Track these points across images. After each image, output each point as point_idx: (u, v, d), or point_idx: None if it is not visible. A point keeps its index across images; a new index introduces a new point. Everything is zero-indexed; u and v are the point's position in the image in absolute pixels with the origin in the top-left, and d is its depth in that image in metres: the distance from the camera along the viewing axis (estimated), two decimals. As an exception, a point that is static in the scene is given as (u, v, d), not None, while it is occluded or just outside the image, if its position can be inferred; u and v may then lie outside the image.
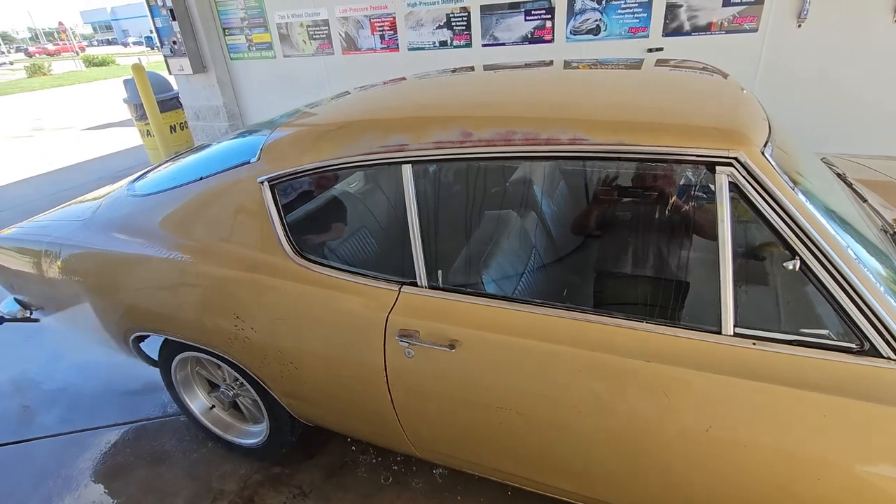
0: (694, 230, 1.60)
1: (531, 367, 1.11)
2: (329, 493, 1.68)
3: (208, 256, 1.46)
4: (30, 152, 7.12)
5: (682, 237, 1.52)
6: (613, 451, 1.08)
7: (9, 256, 1.90)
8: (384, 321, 1.24)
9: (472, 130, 1.14)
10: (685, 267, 1.47)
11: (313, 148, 1.32)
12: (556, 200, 1.98)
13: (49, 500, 1.74)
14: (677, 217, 1.62)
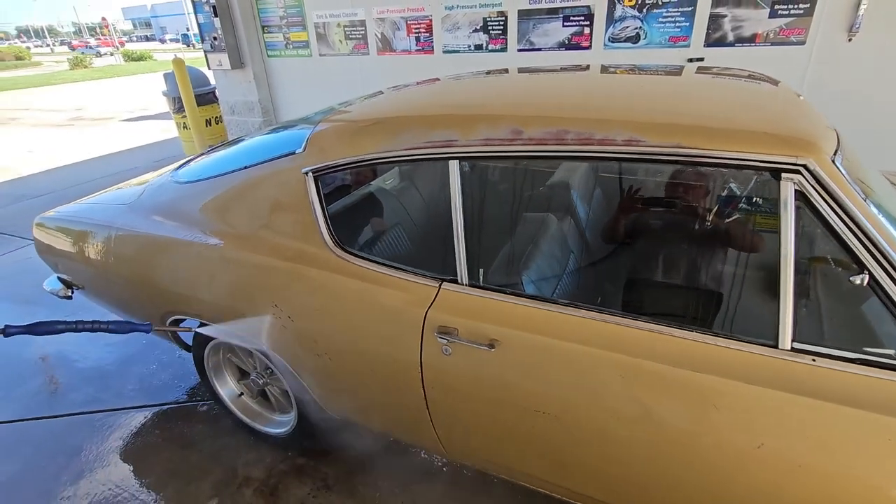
0: (738, 240, 1.56)
1: (572, 371, 1.08)
2: (353, 488, 1.67)
3: (249, 244, 1.48)
4: (70, 140, 7.38)
5: (731, 246, 1.48)
6: (654, 463, 1.05)
7: (53, 236, 1.96)
8: (423, 317, 1.23)
9: (523, 128, 1.13)
10: (736, 277, 1.43)
11: (359, 141, 1.33)
12: (593, 206, 1.96)
13: (80, 475, 1.77)
14: (724, 226, 1.58)
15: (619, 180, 2.17)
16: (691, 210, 1.59)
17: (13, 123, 9.15)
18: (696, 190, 1.74)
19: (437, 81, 1.83)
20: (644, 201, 2.04)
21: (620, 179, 2.17)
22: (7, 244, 3.75)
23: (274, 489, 1.68)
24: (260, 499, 1.65)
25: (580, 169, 1.97)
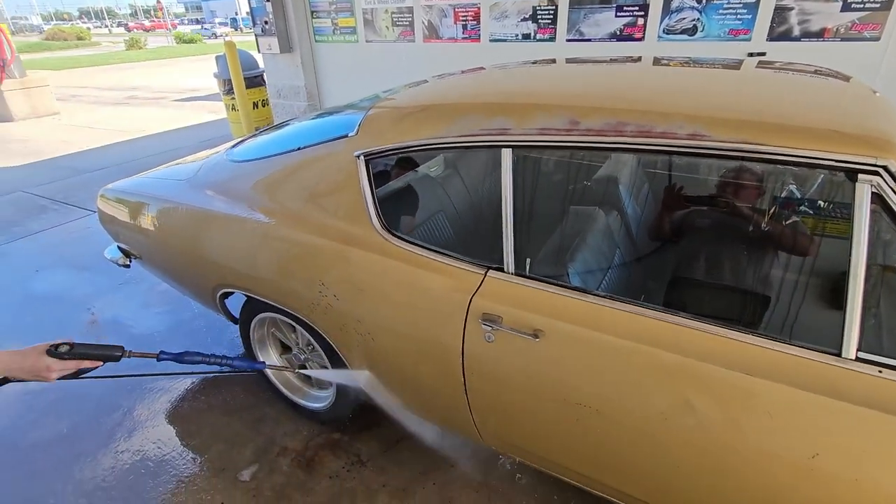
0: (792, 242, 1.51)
1: (618, 365, 1.07)
2: (385, 465, 1.72)
3: (299, 223, 1.53)
4: (126, 118, 7.73)
5: (784, 249, 1.43)
6: (697, 466, 1.03)
7: (115, 207, 2.08)
8: (467, 303, 1.24)
9: (580, 119, 1.11)
10: (791, 281, 1.38)
11: (413, 126, 1.34)
12: (640, 202, 1.92)
13: (132, 432, 1.89)
14: (777, 228, 1.53)
15: (669, 177, 2.12)
16: (743, 210, 1.54)
17: (74, 100, 9.65)
18: (749, 190, 1.69)
19: (481, 70, 1.82)
20: (693, 199, 1.99)
21: (670, 176, 2.12)
22: (69, 214, 3.99)
23: (310, 461, 1.75)
24: (297, 468, 1.72)
25: (629, 164, 1.93)
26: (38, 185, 4.66)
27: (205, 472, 1.72)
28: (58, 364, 1.07)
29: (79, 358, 1.11)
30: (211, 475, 1.70)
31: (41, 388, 2.10)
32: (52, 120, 7.81)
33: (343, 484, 1.66)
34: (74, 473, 1.73)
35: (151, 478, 1.70)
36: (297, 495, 1.62)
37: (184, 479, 1.70)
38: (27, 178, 4.88)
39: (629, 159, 1.95)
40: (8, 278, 3.05)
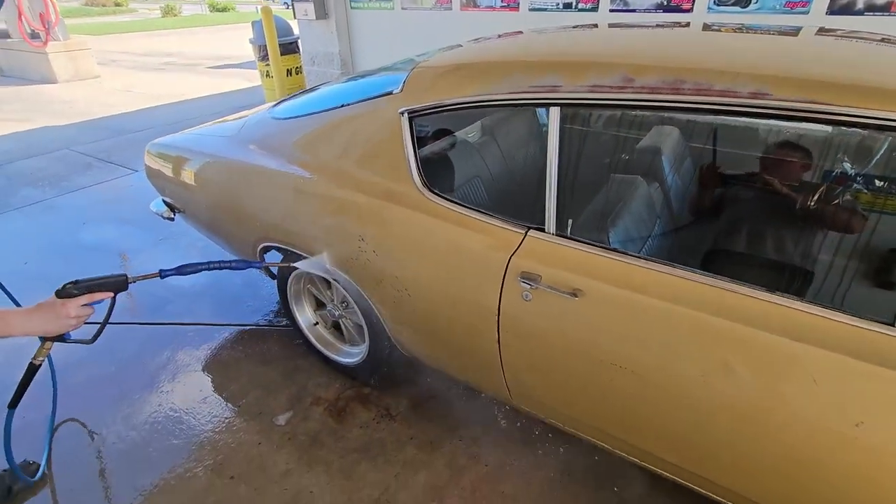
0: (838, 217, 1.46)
1: (658, 327, 1.07)
2: (413, 420, 1.77)
3: (341, 178, 1.55)
4: (162, 83, 7.87)
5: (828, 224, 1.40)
6: (736, 430, 1.03)
7: (161, 162, 2.14)
8: (506, 261, 1.25)
9: (635, 76, 1.09)
10: (840, 254, 1.34)
11: (459, 83, 1.34)
12: (682, 174, 1.88)
13: (175, 374, 1.99)
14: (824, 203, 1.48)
15: (713, 151, 2.06)
16: (789, 185, 1.50)
17: (113, 65, 9.86)
18: (797, 164, 1.64)
19: (520, 34, 1.79)
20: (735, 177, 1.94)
21: (714, 151, 2.07)
22: (112, 172, 4.13)
23: (341, 411, 1.82)
24: (328, 417, 1.79)
25: (672, 136, 1.89)
26: (82, 144, 4.83)
27: (243, 415, 1.81)
28: (72, 303, 1.08)
29: (88, 291, 1.10)
30: (249, 418, 1.79)
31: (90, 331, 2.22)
32: (94, 83, 8.02)
33: (373, 434, 1.72)
34: (123, 409, 1.84)
35: (193, 417, 1.80)
36: (329, 441, 1.70)
37: (224, 420, 1.79)
38: (73, 138, 5.06)
39: (673, 132, 1.91)
40: (59, 229, 3.20)
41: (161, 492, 1.54)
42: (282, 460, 1.63)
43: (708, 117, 1.96)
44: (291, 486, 1.55)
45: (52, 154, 4.58)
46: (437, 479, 1.56)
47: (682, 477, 1.22)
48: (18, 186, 3.86)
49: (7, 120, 5.83)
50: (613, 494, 1.50)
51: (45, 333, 1.09)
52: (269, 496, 1.52)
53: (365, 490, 1.54)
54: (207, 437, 1.72)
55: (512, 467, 1.59)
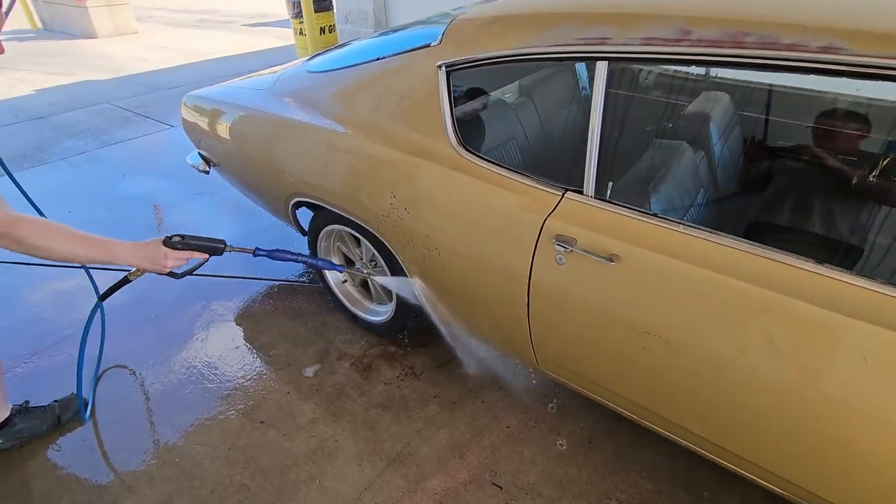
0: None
1: (696, 295, 1.03)
2: (437, 380, 1.80)
3: (374, 134, 1.53)
4: (197, 40, 7.89)
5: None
6: (773, 406, 0.99)
7: (197, 114, 2.16)
8: (541, 223, 1.22)
9: (693, 28, 1.01)
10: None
11: (501, 35, 1.28)
12: (730, 143, 1.78)
13: (209, 324, 2.07)
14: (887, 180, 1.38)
15: (765, 121, 1.95)
16: (842, 158, 1.40)
17: (150, 21, 9.91)
18: (852, 136, 1.53)
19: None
20: (786, 146, 1.84)
21: (766, 120, 1.95)
22: (150, 126, 4.21)
23: (367, 367, 1.86)
24: (354, 372, 1.84)
25: (722, 102, 1.78)
26: (121, 99, 4.92)
27: (273, 365, 1.87)
28: (173, 253, 1.20)
29: (190, 248, 1.23)
30: (278, 368, 1.85)
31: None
32: (132, 38, 8.10)
33: (397, 391, 1.76)
34: (163, 351, 1.93)
35: (226, 364, 1.87)
36: (354, 395, 1.74)
37: (254, 368, 1.85)
38: (112, 92, 5.16)
39: (723, 98, 1.80)
40: (101, 179, 3.31)
41: (197, 431, 1.62)
42: (309, 409, 1.69)
43: (765, 81, 1.85)
44: (318, 434, 1.61)
45: (93, 107, 4.69)
46: (459, 437, 1.59)
47: (709, 451, 1.20)
48: (63, 137, 3.98)
49: (52, 73, 5.98)
50: (636, 463, 1.50)
51: (143, 269, 1.23)
52: (297, 441, 1.58)
53: (388, 443, 1.58)
54: (239, 383, 1.79)
55: (533, 431, 1.61)
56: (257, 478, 1.48)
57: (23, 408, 1.58)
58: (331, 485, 1.46)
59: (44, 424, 1.58)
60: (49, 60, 6.65)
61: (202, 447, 1.57)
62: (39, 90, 5.30)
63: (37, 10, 9.00)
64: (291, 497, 1.43)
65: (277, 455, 1.54)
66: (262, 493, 1.44)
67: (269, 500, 1.42)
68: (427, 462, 1.52)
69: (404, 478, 1.48)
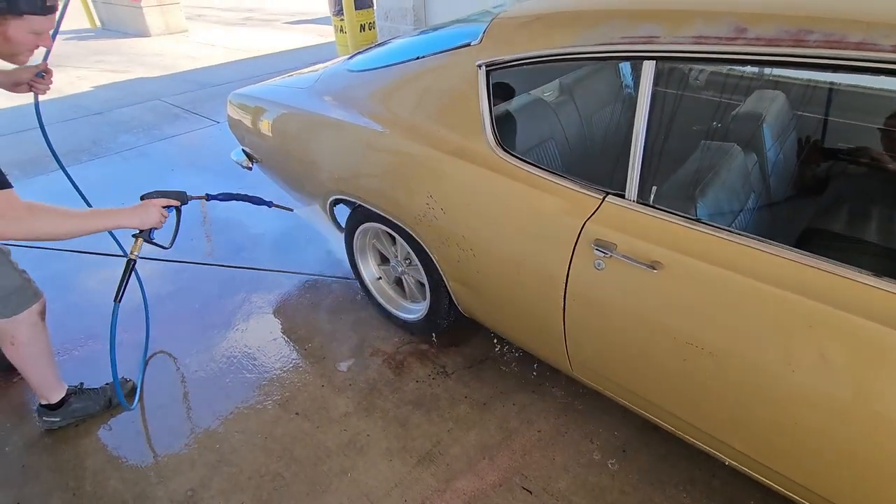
0: None
1: (744, 307, 0.99)
2: (468, 380, 1.79)
3: (412, 133, 1.53)
4: (242, 38, 8.14)
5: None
6: (824, 427, 0.94)
7: (241, 112, 2.22)
8: (580, 227, 1.20)
9: (748, 26, 0.96)
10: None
11: (543, 34, 1.25)
12: (785, 146, 1.69)
13: (249, 315, 2.14)
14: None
15: (824, 122, 1.84)
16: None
17: (199, 19, 10.29)
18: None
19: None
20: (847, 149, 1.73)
21: (825, 121, 1.84)
22: (197, 122, 4.38)
23: (399, 364, 1.87)
24: (387, 368, 1.86)
25: (777, 102, 1.69)
26: (171, 95, 5.14)
27: (308, 358, 1.91)
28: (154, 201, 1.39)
29: (164, 196, 1.42)
30: (314, 361, 1.89)
31: (180, 269, 2.43)
32: (181, 37, 8.43)
33: (428, 389, 1.77)
34: (205, 341, 2.01)
35: (264, 355, 1.93)
36: (386, 391, 1.76)
37: (291, 360, 1.91)
38: (162, 89, 5.39)
39: (778, 97, 1.71)
40: (151, 173, 3.47)
41: (235, 418, 1.68)
42: (342, 403, 1.72)
43: (826, 79, 1.74)
44: (350, 428, 1.64)
45: (145, 104, 4.92)
46: (489, 439, 1.59)
47: (750, 468, 1.15)
48: (118, 133, 4.19)
49: (108, 70, 6.31)
50: (671, 475, 1.45)
51: (142, 224, 1.36)
52: (330, 434, 1.62)
53: (418, 440, 1.59)
54: (276, 375, 1.85)
55: (565, 436, 1.58)
56: (292, 467, 1.52)
57: (78, 389, 1.68)
58: (361, 479, 1.48)
59: (97, 405, 1.68)
60: (106, 58, 7.01)
61: (240, 434, 1.63)
62: (97, 87, 5.60)
63: (96, 10, 9.51)
64: (324, 489, 1.46)
65: (311, 446, 1.58)
66: (295, 482, 1.48)
67: (301, 491, 1.46)
68: (457, 462, 1.52)
69: (434, 476, 1.49)
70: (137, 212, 1.35)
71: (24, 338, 1.45)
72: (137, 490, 1.48)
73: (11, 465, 1.55)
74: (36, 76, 1.48)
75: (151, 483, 1.49)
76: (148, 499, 1.45)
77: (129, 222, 1.33)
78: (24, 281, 1.45)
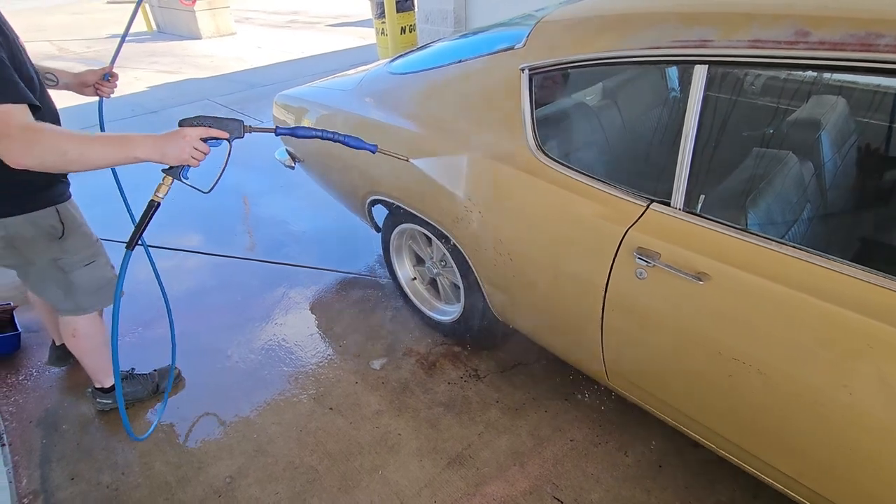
0: None
1: (796, 324, 0.94)
2: (500, 385, 1.79)
3: (453, 135, 1.54)
4: (287, 40, 8.39)
5: None
6: (883, 451, 0.89)
7: (286, 111, 2.29)
8: (621, 234, 1.17)
9: (811, 29, 0.91)
10: None
11: (589, 37, 1.23)
12: (845, 154, 1.59)
13: (287, 310, 2.20)
14: None
15: (889, 129, 1.73)
16: None
17: (246, 22, 10.69)
18: None
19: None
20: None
21: (890, 128, 1.73)
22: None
23: (432, 365, 1.88)
24: (419, 369, 1.87)
25: (837, 108, 1.60)
26: (220, 95, 5.35)
27: (343, 354, 1.95)
28: (192, 130, 1.13)
29: (205, 125, 1.16)
30: (348, 358, 1.93)
31: (223, 262, 2.52)
32: (230, 39, 8.78)
33: (459, 391, 1.77)
34: (246, 332, 2.08)
35: (301, 349, 1.99)
36: (418, 391, 1.78)
37: (326, 356, 1.95)
38: (212, 89, 5.63)
39: (838, 103, 1.62)
40: (199, 171, 3.60)
41: (272, 410, 1.73)
42: (374, 401, 1.75)
43: (890, 85, 1.64)
44: (382, 426, 1.66)
45: (196, 103, 5.15)
46: (520, 445, 1.57)
47: (797, 491, 1.09)
48: (169, 131, 4.40)
49: (162, 71, 6.64)
50: (710, 494, 1.40)
51: (163, 158, 1.12)
52: (363, 431, 1.64)
53: (448, 442, 1.59)
54: (312, 369, 1.89)
55: (599, 447, 1.55)
56: (325, 461, 1.56)
57: (129, 374, 1.78)
58: (392, 477, 1.50)
59: (146, 390, 1.77)
60: (160, 60, 7.38)
61: (277, 426, 1.67)
62: (152, 87, 5.90)
63: (153, 14, 10.03)
64: (355, 484, 1.49)
65: (344, 442, 1.61)
66: (328, 476, 1.51)
67: (334, 485, 1.49)
68: (487, 466, 1.52)
69: (464, 479, 1.49)
70: (161, 142, 1.09)
71: (85, 330, 1.54)
72: (180, 474, 1.54)
73: (67, 442, 1.65)
74: (102, 79, 1.56)
75: (193, 468, 1.56)
76: (190, 483, 1.52)
77: (145, 153, 1.08)
78: (114, 276, 1.51)
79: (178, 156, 1.12)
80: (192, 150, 1.13)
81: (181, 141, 1.11)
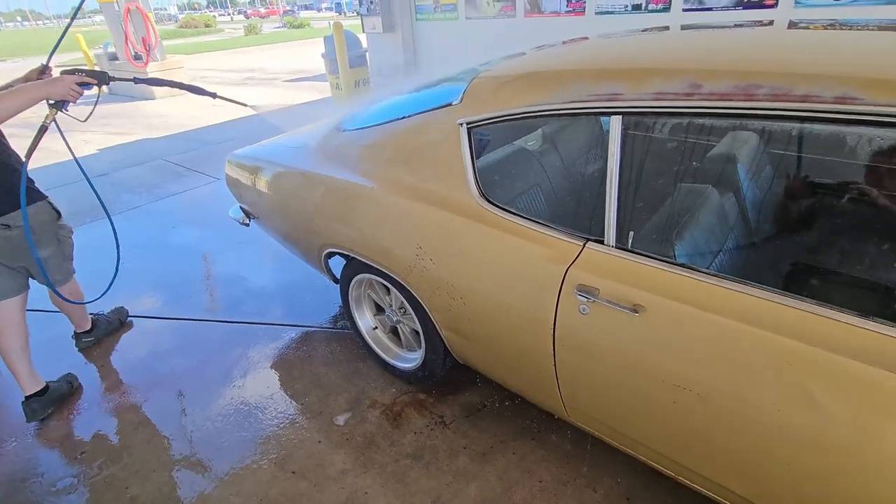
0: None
1: (728, 348, 1.00)
2: (467, 430, 1.77)
3: (401, 188, 1.60)
4: (244, 97, 8.49)
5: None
6: (815, 465, 0.94)
7: (238, 171, 2.31)
8: (563, 273, 1.23)
9: (703, 82, 1.03)
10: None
11: (517, 94, 1.33)
12: (761, 184, 1.74)
13: (246, 372, 2.14)
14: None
15: (797, 158, 1.90)
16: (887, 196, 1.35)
17: (201, 81, 10.75)
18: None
19: (586, 40, 1.75)
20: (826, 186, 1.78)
21: (799, 158, 1.90)
22: (197, 179, 4.52)
23: (397, 415, 1.86)
24: (384, 420, 1.84)
25: (749, 143, 1.76)
26: (174, 155, 5.32)
27: (305, 413, 1.90)
28: (70, 76, 1.62)
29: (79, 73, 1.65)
30: (311, 416, 1.88)
31: (177, 326, 2.44)
32: (184, 98, 8.81)
33: (426, 441, 1.75)
34: (204, 397, 2.00)
35: (261, 412, 1.92)
36: (384, 444, 1.74)
37: (287, 416, 1.89)
38: (165, 148, 5.59)
39: (750, 138, 1.78)
40: (153, 231, 3.55)
41: (232, 480, 1.65)
42: (339, 460, 1.70)
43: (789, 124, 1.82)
44: (348, 486, 1.61)
45: (149, 164, 5.09)
46: (490, 492, 1.55)
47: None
48: (120, 192, 4.32)
49: (113, 133, 6.57)
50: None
51: (49, 95, 1.59)
52: (328, 493, 1.59)
53: (417, 496, 1.56)
54: (273, 432, 1.83)
55: (567, 486, 1.55)
56: (288, 530, 1.48)
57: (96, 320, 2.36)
58: (360, 539, 1.44)
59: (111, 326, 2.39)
60: (112, 121, 7.31)
61: (236, 497, 1.59)
62: (102, 149, 5.81)
63: (104, 77, 9.98)
64: (321, 552, 1.42)
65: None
66: (292, 546, 1.44)
67: (298, 555, 1.42)
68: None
69: (434, 534, 1.45)
70: (48, 85, 1.59)
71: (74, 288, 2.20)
72: (129, 561, 1.43)
73: None
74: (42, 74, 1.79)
75: (144, 553, 1.45)
76: (140, 570, 1.41)
77: (36, 93, 1.56)
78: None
79: (61, 93, 1.60)
80: (69, 90, 1.61)
81: (61, 84, 1.60)
